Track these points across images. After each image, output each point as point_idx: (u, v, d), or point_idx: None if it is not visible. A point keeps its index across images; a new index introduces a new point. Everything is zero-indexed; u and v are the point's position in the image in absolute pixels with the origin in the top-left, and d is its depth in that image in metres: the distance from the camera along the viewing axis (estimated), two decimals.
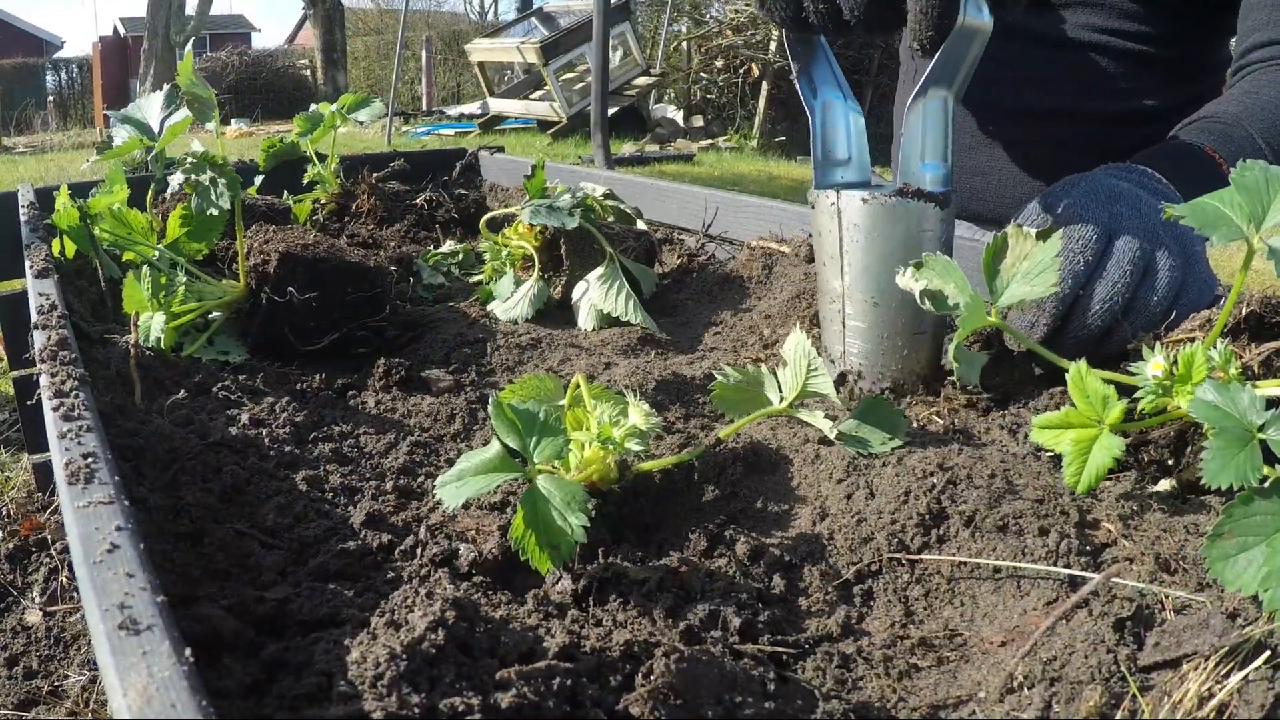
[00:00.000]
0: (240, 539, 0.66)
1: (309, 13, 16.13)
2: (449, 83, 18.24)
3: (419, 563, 0.65)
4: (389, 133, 9.38)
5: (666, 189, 1.52)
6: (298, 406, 0.91)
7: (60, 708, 1.05)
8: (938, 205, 0.83)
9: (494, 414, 0.63)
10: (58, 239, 1.17)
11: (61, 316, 0.86)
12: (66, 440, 0.61)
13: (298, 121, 1.47)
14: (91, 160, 1.22)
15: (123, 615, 0.42)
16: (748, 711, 0.50)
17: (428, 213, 1.64)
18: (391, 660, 0.47)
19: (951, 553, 0.64)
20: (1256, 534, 0.52)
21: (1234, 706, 0.48)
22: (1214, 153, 1.03)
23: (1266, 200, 0.64)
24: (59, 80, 21.33)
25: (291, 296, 1.04)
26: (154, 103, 1.17)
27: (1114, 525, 0.64)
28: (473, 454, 0.63)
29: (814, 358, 0.76)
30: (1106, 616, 0.55)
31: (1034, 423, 0.70)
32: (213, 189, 1.08)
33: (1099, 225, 0.81)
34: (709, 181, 6.89)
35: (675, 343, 1.12)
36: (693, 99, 11.90)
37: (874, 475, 0.72)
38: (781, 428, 0.83)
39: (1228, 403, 0.57)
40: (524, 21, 11.00)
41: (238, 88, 16.80)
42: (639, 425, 0.71)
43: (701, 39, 12.23)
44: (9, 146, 12.23)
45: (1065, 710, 0.51)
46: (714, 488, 0.76)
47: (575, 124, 9.27)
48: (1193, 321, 0.78)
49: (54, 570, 1.27)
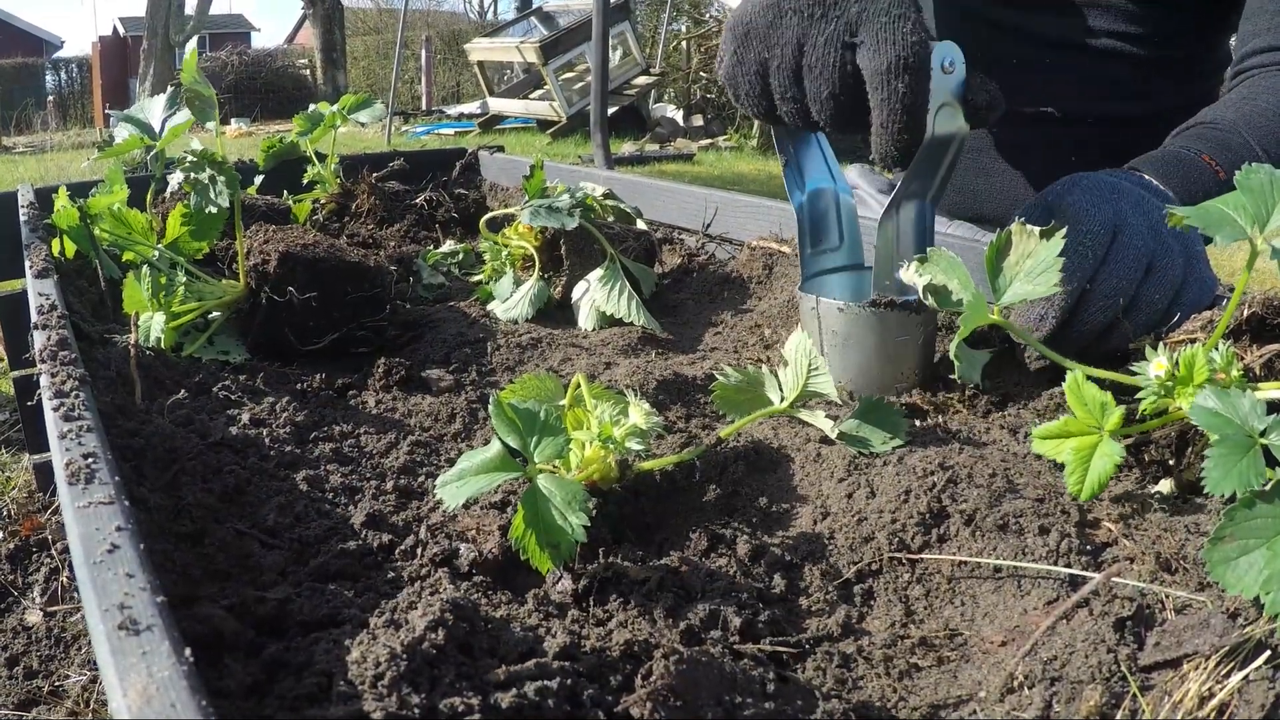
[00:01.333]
0: (240, 539, 0.66)
1: (308, 12, 16.13)
2: (449, 82, 18.24)
3: (419, 563, 0.65)
4: (389, 132, 9.39)
5: (666, 189, 1.52)
6: (298, 406, 0.91)
7: (60, 708, 1.05)
8: (913, 313, 0.84)
9: (494, 413, 0.63)
10: (57, 239, 1.17)
11: (61, 316, 0.86)
12: (67, 440, 0.61)
13: (297, 121, 1.47)
14: (92, 159, 1.22)
15: (123, 615, 0.42)
16: (748, 712, 0.50)
17: (428, 213, 1.64)
18: (392, 660, 0.47)
19: (952, 552, 0.64)
20: (1257, 537, 0.52)
21: (1234, 706, 0.48)
22: (1211, 159, 1.02)
23: (1271, 202, 0.64)
24: (59, 80, 21.34)
25: (291, 296, 1.04)
26: (156, 104, 1.17)
27: (1114, 525, 0.64)
28: (473, 454, 0.63)
29: (815, 358, 0.76)
30: (1107, 616, 0.55)
31: (1034, 434, 0.70)
32: (212, 187, 1.08)
33: (1104, 221, 0.81)
34: (709, 181, 6.89)
35: (676, 343, 1.12)
36: (692, 98, 11.90)
37: (875, 474, 0.72)
38: (782, 427, 0.83)
39: (1229, 409, 0.57)
40: (523, 21, 11.01)
41: (237, 87, 16.80)
42: (640, 425, 0.71)
43: (701, 38, 12.22)
44: (9, 146, 12.23)
45: (1065, 710, 0.51)
46: (715, 487, 0.76)
47: (575, 123, 9.27)
48: (1194, 322, 0.78)
49: (54, 570, 1.27)
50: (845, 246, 0.97)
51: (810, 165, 0.95)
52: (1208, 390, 0.59)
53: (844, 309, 0.86)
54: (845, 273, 0.97)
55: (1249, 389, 0.60)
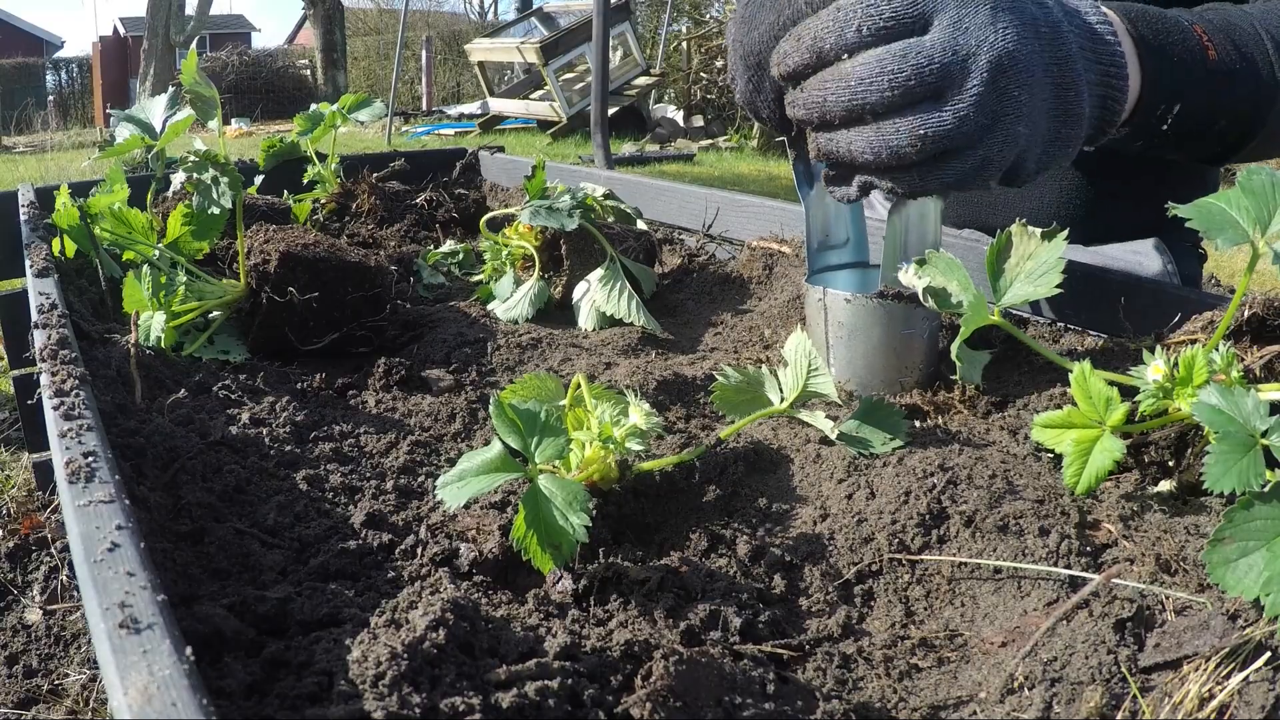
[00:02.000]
0: (240, 538, 0.66)
1: (309, 13, 16.13)
2: (449, 83, 18.24)
3: (419, 562, 0.65)
4: (389, 132, 9.39)
5: (666, 189, 1.52)
6: (298, 406, 0.91)
7: (60, 706, 1.05)
8: (920, 305, 0.84)
9: (495, 414, 0.63)
10: (58, 238, 1.17)
11: (62, 316, 0.86)
12: (67, 439, 0.61)
13: (298, 121, 1.47)
14: (92, 159, 1.22)
15: (123, 614, 0.42)
16: (747, 713, 0.50)
17: (428, 213, 1.64)
18: (392, 659, 0.47)
19: (952, 553, 0.64)
20: (1257, 539, 0.52)
21: (1234, 708, 0.48)
22: (1203, 32, 0.88)
23: (1273, 205, 0.64)
24: (59, 80, 21.34)
25: (292, 296, 1.04)
26: (157, 103, 1.18)
27: (1114, 526, 0.64)
28: (474, 454, 0.63)
29: (814, 358, 0.76)
30: (1107, 617, 0.55)
31: (1035, 421, 0.70)
32: (215, 187, 1.08)
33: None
34: (709, 181, 6.89)
35: (676, 343, 1.12)
36: (693, 99, 11.91)
37: (874, 475, 0.72)
38: (782, 428, 0.83)
39: (1232, 407, 0.57)
40: (524, 21, 11.02)
41: (238, 87, 16.80)
42: (640, 425, 0.71)
43: (701, 39, 12.23)
44: (9, 146, 12.23)
45: (1065, 711, 0.51)
46: (715, 487, 0.76)
47: (575, 124, 9.27)
48: (1195, 323, 0.78)
49: (54, 569, 1.27)
50: (851, 244, 0.97)
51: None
52: (1211, 387, 0.59)
53: (851, 300, 0.86)
54: (851, 269, 0.97)
55: (1251, 390, 0.60)
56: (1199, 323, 0.78)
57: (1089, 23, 0.76)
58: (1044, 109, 0.73)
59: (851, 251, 0.97)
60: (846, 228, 0.97)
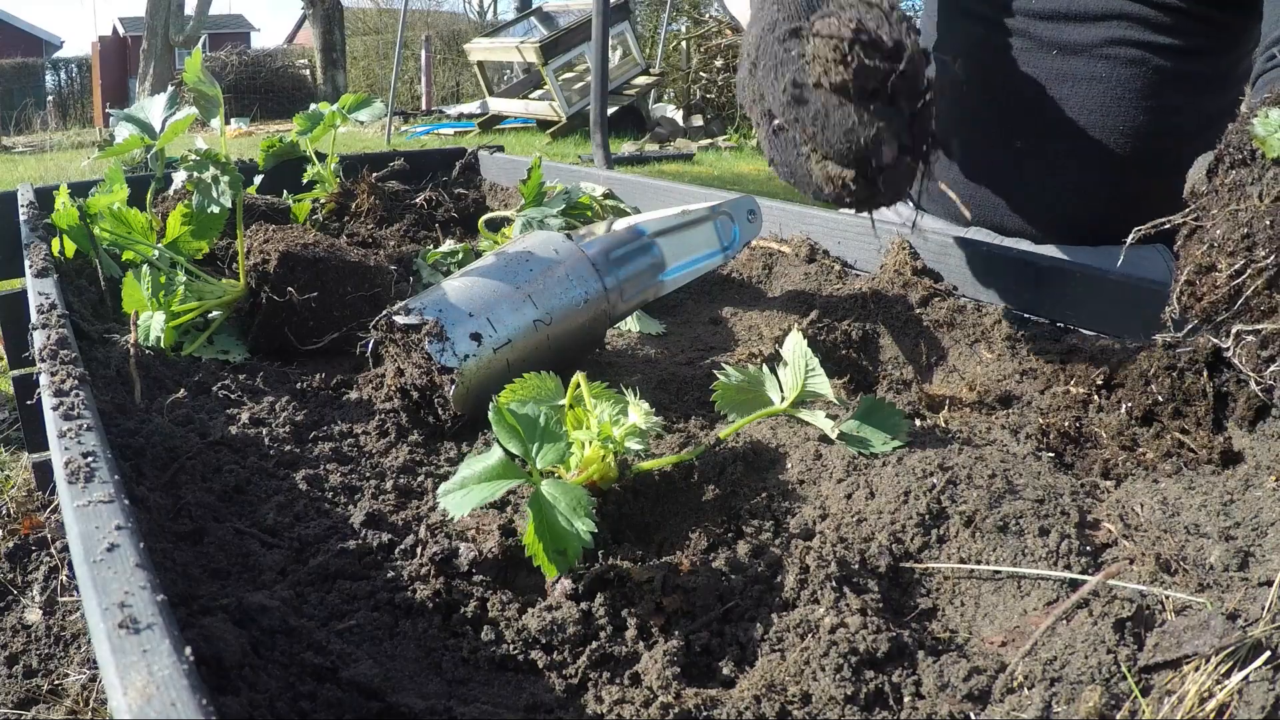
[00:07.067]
0: (240, 538, 0.66)
1: (308, 12, 16.12)
2: (448, 82, 18.24)
3: (419, 562, 0.65)
4: (389, 132, 9.38)
5: (666, 188, 1.52)
6: (298, 405, 0.91)
7: (60, 706, 1.05)
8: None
9: (494, 419, 0.63)
10: (57, 238, 1.17)
11: (61, 316, 0.86)
12: (66, 439, 0.61)
13: (297, 121, 1.47)
14: (92, 159, 1.22)
15: (123, 614, 0.42)
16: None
17: (427, 212, 1.64)
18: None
19: (952, 553, 0.64)
20: None
21: (1234, 707, 0.48)
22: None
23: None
24: (58, 80, 21.33)
25: (291, 296, 1.04)
26: (156, 103, 1.17)
27: (1114, 525, 0.64)
28: (474, 460, 0.63)
29: (812, 358, 0.76)
30: (1107, 617, 0.55)
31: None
32: (215, 186, 1.08)
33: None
34: (709, 181, 6.89)
35: (676, 342, 1.12)
36: (692, 98, 11.90)
37: (874, 475, 0.72)
38: (781, 427, 0.83)
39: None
40: (523, 21, 11.01)
41: (237, 87, 16.78)
42: (639, 424, 0.71)
43: (701, 38, 12.23)
44: (8, 146, 12.22)
45: (1065, 710, 0.51)
46: (714, 487, 0.76)
47: (575, 123, 9.27)
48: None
49: (54, 569, 1.27)
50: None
51: None
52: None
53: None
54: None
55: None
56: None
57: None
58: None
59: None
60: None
